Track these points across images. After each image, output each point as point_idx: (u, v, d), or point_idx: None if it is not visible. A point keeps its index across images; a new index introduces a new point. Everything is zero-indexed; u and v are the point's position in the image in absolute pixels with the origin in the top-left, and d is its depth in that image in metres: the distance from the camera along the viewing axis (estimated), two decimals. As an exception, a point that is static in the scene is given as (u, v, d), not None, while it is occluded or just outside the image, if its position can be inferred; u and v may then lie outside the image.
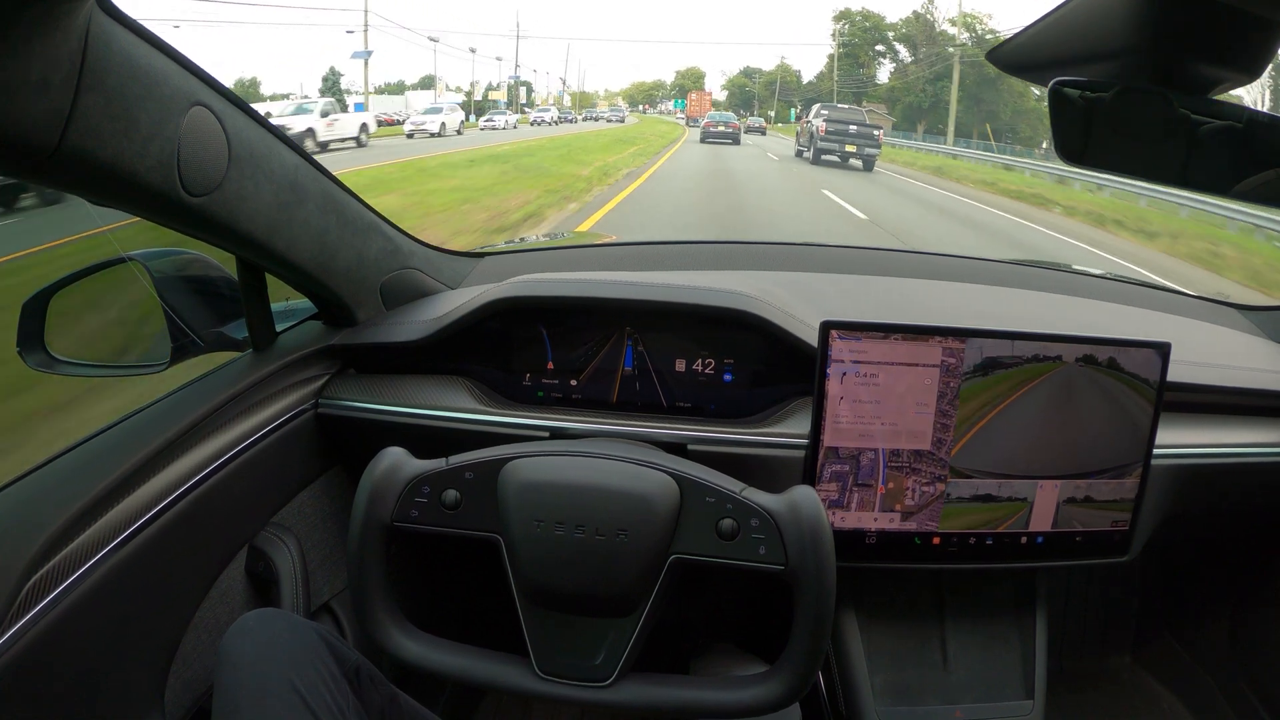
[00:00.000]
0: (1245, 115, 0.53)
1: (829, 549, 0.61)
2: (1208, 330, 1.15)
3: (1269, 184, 0.55)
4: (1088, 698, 1.31)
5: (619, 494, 0.63)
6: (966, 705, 0.95)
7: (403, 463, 0.66)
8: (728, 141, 22.95)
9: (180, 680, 0.74)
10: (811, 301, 0.99)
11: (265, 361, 0.87)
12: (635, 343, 0.96)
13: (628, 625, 0.64)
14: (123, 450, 0.69)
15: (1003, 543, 0.87)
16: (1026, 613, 1.01)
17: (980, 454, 0.84)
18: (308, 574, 0.90)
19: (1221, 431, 0.97)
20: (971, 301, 1.15)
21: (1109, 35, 0.53)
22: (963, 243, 7.62)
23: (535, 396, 0.97)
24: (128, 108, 0.54)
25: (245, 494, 0.83)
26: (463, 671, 0.65)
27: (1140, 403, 0.84)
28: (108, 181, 0.56)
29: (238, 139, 0.68)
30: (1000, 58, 0.61)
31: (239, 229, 0.71)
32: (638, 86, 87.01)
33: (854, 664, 0.96)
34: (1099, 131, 0.55)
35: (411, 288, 1.04)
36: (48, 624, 0.59)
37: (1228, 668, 1.22)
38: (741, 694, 0.63)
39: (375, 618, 0.65)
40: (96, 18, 0.51)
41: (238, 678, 0.60)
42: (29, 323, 0.80)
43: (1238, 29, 0.49)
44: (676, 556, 0.63)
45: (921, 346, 0.81)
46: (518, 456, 0.65)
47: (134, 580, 0.67)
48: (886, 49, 45.42)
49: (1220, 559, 1.26)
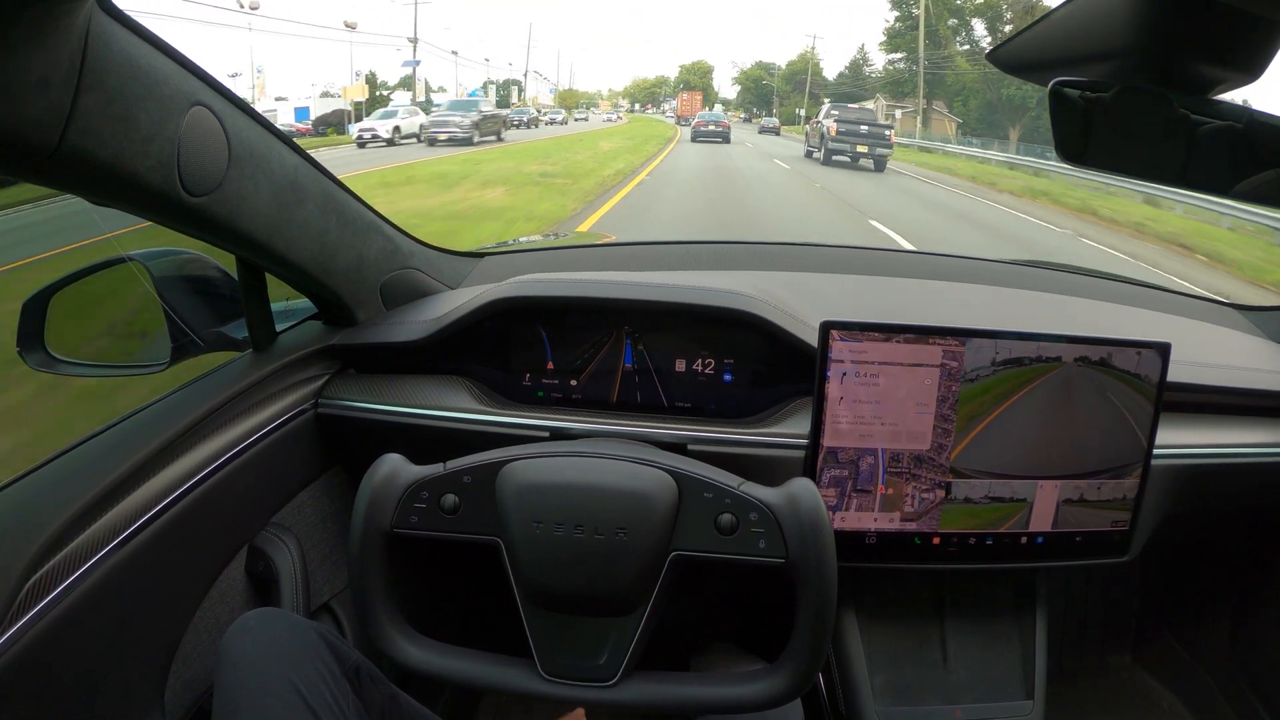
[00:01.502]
0: (1245, 115, 0.53)
1: (829, 541, 0.61)
2: (1208, 330, 1.15)
3: (1269, 184, 0.55)
4: (1088, 697, 1.31)
5: (617, 493, 0.63)
6: (966, 705, 0.95)
7: (401, 469, 0.65)
8: (719, 140, 23.12)
9: (180, 680, 0.74)
10: (811, 301, 0.99)
11: (265, 361, 0.87)
12: (635, 342, 0.96)
13: (630, 624, 0.64)
14: (123, 450, 0.69)
15: (1003, 543, 0.87)
16: (1026, 612, 1.01)
17: (980, 455, 0.84)
18: (308, 574, 0.90)
19: (1221, 431, 0.97)
20: (972, 302, 1.15)
21: (1109, 35, 0.53)
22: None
23: (535, 396, 0.97)
24: (128, 108, 0.54)
25: (245, 494, 0.83)
26: (467, 675, 0.65)
27: (1140, 403, 0.84)
28: (108, 181, 0.56)
29: (238, 139, 0.68)
30: (1000, 58, 0.61)
31: (239, 229, 0.71)
32: (639, 84, 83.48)
33: (854, 664, 0.96)
34: (1099, 131, 0.55)
35: (411, 288, 1.04)
36: (48, 624, 0.58)
37: (1228, 667, 1.22)
38: (746, 689, 0.63)
39: (378, 624, 0.65)
40: (96, 18, 0.51)
41: (238, 677, 0.60)
42: (29, 322, 0.80)
43: (1238, 29, 0.49)
44: (677, 553, 0.63)
45: (922, 347, 0.81)
46: (515, 458, 0.65)
47: (134, 580, 0.67)
48: (960, 24, 32.40)
49: (1220, 559, 1.26)
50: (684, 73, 76.12)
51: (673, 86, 74.94)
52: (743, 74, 63.25)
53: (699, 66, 75.97)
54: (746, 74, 62.30)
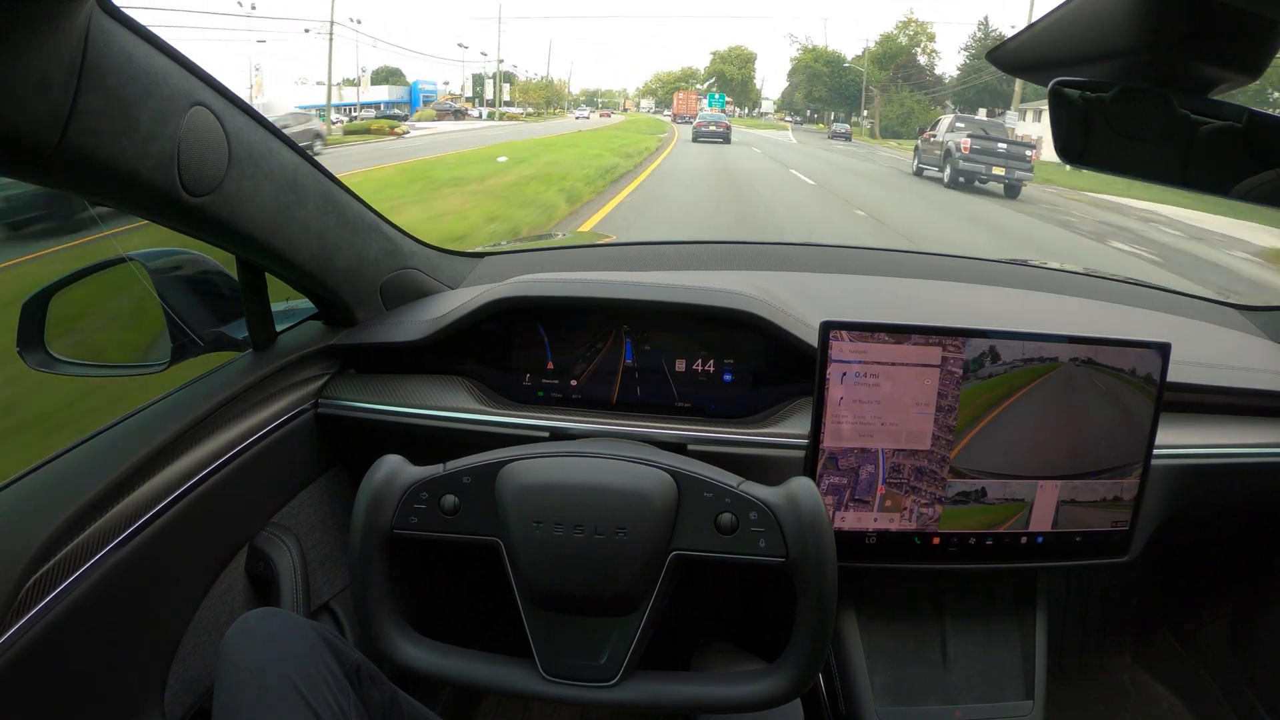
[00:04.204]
0: (1245, 115, 0.53)
1: (829, 539, 0.61)
2: (1208, 330, 1.15)
3: (1269, 184, 0.55)
4: (1088, 697, 1.31)
5: (616, 492, 0.63)
6: (966, 705, 0.95)
7: (400, 470, 0.65)
8: (719, 140, 23.07)
9: (180, 679, 0.74)
10: (812, 301, 0.99)
11: (265, 361, 0.87)
12: (635, 342, 0.96)
13: (630, 624, 0.64)
14: (123, 450, 0.69)
15: (1003, 543, 0.87)
16: (1026, 612, 1.01)
17: (980, 454, 0.84)
18: (308, 574, 0.90)
19: (1221, 431, 0.97)
20: (972, 302, 1.15)
21: (1109, 35, 0.53)
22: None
23: (535, 396, 0.97)
24: (128, 108, 0.54)
25: (245, 494, 0.83)
26: (468, 676, 0.65)
27: (1140, 403, 0.84)
28: (108, 182, 0.56)
29: (238, 139, 0.68)
30: (1000, 58, 0.61)
31: (239, 229, 0.71)
32: (660, 78, 67.60)
33: (854, 664, 0.96)
34: (1099, 131, 0.55)
35: (411, 288, 1.04)
36: (48, 623, 0.59)
37: (1228, 668, 1.22)
38: (748, 688, 0.63)
39: (380, 626, 0.65)
40: (96, 18, 0.51)
41: (238, 677, 0.60)
42: (29, 322, 0.80)
43: (1238, 29, 0.49)
44: (676, 553, 0.63)
45: (922, 347, 0.81)
46: (514, 459, 0.65)
47: (134, 580, 0.67)
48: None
49: (1220, 559, 1.26)
50: (717, 61, 59.99)
51: (702, 78, 60.58)
52: (797, 61, 44.87)
53: (737, 54, 59.89)
54: (801, 61, 43.97)
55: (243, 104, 0.69)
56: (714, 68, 60.19)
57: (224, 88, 0.66)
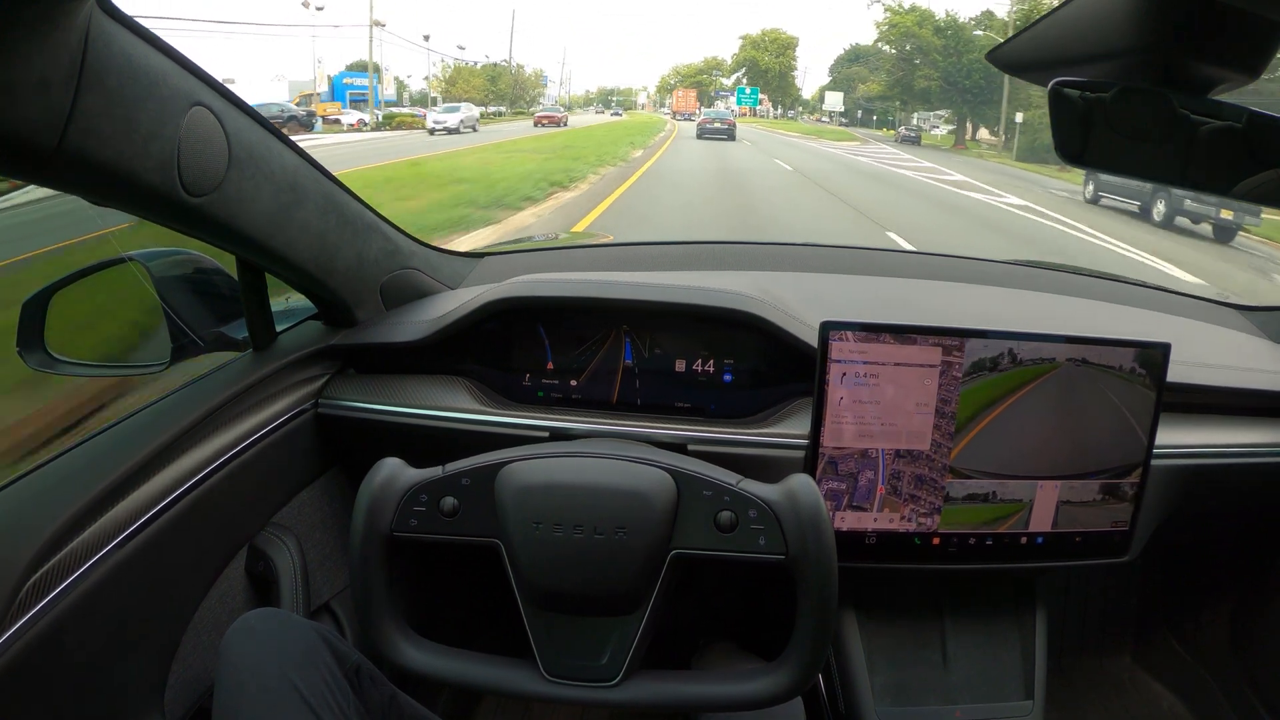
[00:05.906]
0: (1245, 115, 0.53)
1: (829, 536, 0.61)
2: (1208, 330, 1.15)
3: (1269, 184, 0.55)
4: (1088, 698, 1.31)
5: (616, 492, 0.63)
6: (966, 705, 0.95)
7: (399, 472, 0.65)
8: (723, 137, 24.10)
9: (180, 679, 0.74)
10: (811, 302, 0.99)
11: (265, 361, 0.87)
12: (635, 343, 0.96)
13: (631, 623, 0.64)
14: (123, 450, 0.69)
15: (1003, 543, 0.87)
16: (1026, 613, 1.01)
17: (980, 455, 0.84)
18: (308, 574, 0.90)
19: (1221, 431, 0.97)
20: (972, 302, 1.15)
21: (1109, 35, 0.53)
22: None
23: (535, 397, 0.97)
24: (128, 108, 0.54)
25: (245, 494, 0.83)
26: (470, 677, 0.65)
27: (1140, 403, 0.84)
28: (108, 182, 0.56)
29: (238, 139, 0.68)
30: (1000, 58, 0.61)
31: (239, 229, 0.71)
32: (680, 71, 58.45)
33: (854, 664, 0.96)
34: (1099, 131, 0.55)
35: (411, 288, 1.04)
36: (48, 623, 0.59)
37: (1228, 668, 1.22)
38: (750, 686, 0.63)
39: (380, 629, 0.65)
40: (96, 18, 0.51)
41: (238, 677, 0.60)
42: (29, 322, 0.80)
43: (1238, 29, 0.49)
44: (677, 552, 0.63)
45: (922, 347, 0.81)
46: (513, 460, 0.65)
47: (134, 580, 0.67)
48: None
49: (1220, 559, 1.26)
50: (748, 47, 49.34)
51: (729, 69, 52.03)
52: (901, 14, 33.71)
53: (773, 38, 48.86)
54: (909, 19, 33.44)
55: (243, 104, 0.69)
56: (744, 55, 49.88)
57: (224, 88, 0.66)
